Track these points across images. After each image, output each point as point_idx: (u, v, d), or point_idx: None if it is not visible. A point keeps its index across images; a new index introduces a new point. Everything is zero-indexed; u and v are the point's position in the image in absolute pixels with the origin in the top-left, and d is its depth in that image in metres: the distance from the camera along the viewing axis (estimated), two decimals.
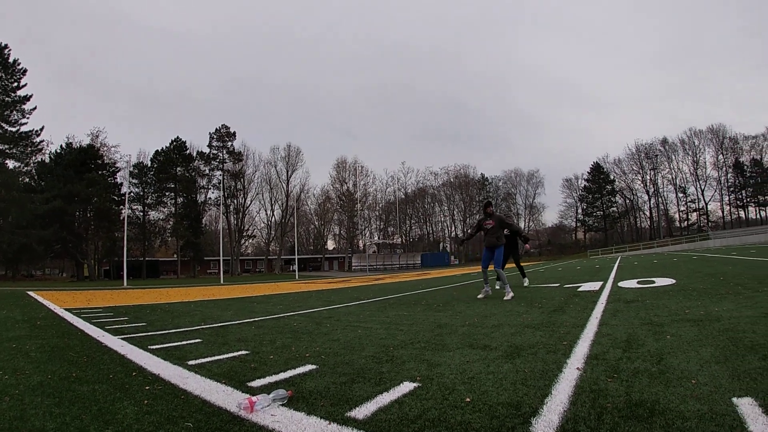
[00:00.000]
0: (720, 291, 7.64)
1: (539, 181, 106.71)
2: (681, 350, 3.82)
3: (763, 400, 2.52)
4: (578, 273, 18.95)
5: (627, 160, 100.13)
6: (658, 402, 2.64)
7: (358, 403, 2.92)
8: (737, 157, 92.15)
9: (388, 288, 17.71)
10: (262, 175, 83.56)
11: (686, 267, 16.10)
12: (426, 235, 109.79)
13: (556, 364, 3.67)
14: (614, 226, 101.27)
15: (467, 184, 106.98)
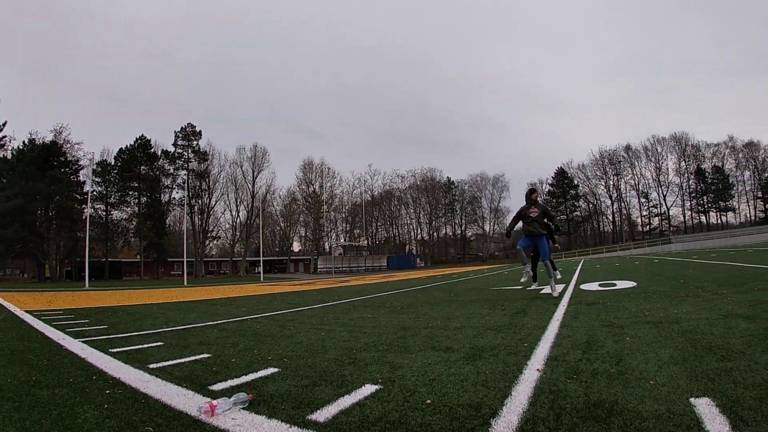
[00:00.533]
0: (680, 294, 7.86)
1: (504, 185, 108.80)
2: (640, 351, 3.92)
3: (720, 400, 2.60)
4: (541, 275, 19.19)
5: (591, 166, 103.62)
6: (617, 402, 2.70)
7: (319, 406, 2.96)
8: (699, 164, 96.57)
9: (353, 290, 17.79)
10: (227, 175, 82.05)
11: (647, 270, 16.53)
12: (392, 238, 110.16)
13: (517, 365, 3.74)
14: (578, 229, 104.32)
15: (433, 188, 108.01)
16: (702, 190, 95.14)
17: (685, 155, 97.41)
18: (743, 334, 4.21)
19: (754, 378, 2.92)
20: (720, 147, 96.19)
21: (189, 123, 77.77)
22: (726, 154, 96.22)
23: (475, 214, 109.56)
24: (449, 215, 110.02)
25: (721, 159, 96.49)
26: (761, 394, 2.62)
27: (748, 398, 2.58)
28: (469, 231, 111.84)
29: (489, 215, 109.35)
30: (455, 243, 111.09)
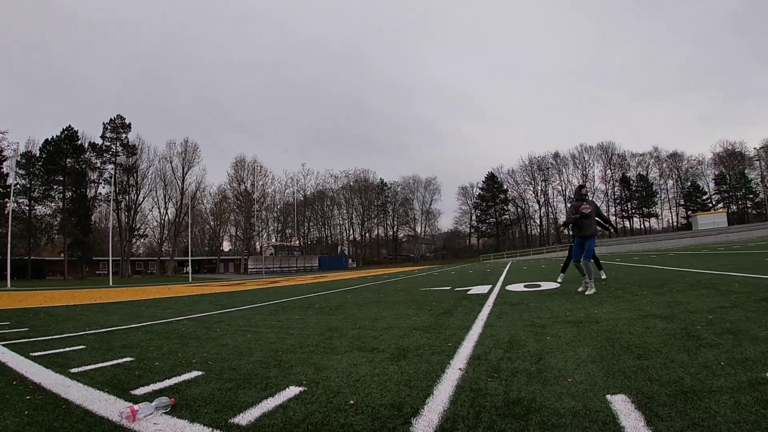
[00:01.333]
0: (601, 295, 8.18)
1: (436, 188, 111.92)
2: (560, 350, 4.04)
3: (636, 396, 2.70)
4: (470, 276, 19.66)
5: (520, 171, 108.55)
6: (535, 400, 2.77)
7: (242, 409, 2.95)
8: (624, 172, 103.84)
9: (282, 291, 17.62)
10: (156, 170, 78.59)
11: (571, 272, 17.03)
12: (324, 238, 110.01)
13: (440, 365, 3.79)
14: (506, 232, 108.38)
15: (366, 189, 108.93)
16: (627, 197, 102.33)
17: (611, 164, 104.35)
18: (660, 333, 4.41)
19: (669, 375, 3.05)
20: (645, 157, 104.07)
21: (118, 114, 73.96)
22: (651, 163, 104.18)
23: (407, 215, 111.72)
24: (382, 216, 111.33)
25: (646, 168, 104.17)
26: (675, 390, 2.75)
27: (662, 395, 2.70)
28: (401, 232, 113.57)
29: (421, 217, 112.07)
30: (387, 244, 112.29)
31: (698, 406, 2.47)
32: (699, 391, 2.71)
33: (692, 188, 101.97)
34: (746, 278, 8.55)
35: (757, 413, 2.32)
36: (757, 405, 2.41)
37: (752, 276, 8.82)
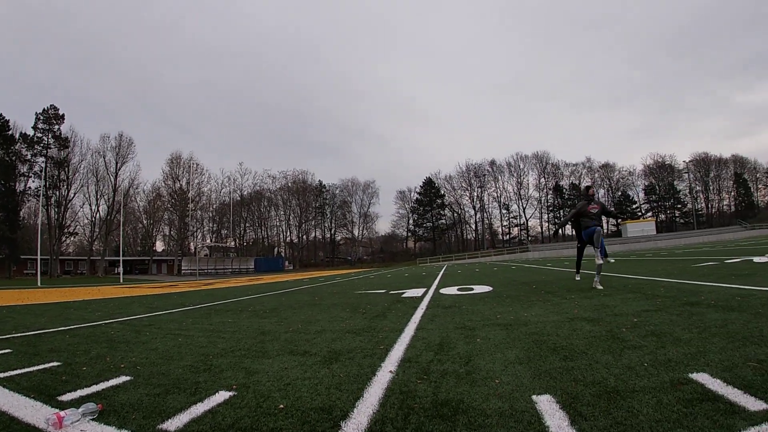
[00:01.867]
0: (531, 298, 8.39)
1: (375, 191, 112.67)
2: (489, 352, 4.11)
3: (561, 396, 2.78)
4: (405, 280, 19.77)
5: (457, 177, 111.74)
6: (463, 401, 2.82)
7: (171, 415, 2.91)
8: (557, 181, 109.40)
9: (216, 294, 17.23)
10: (89, 165, 74.17)
11: (504, 276, 17.57)
12: (261, 240, 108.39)
13: (371, 367, 3.80)
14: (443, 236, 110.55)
15: (305, 190, 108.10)
16: (559, 205, 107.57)
17: (545, 172, 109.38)
18: (586, 335, 4.55)
19: (593, 376, 3.15)
20: (578, 167, 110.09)
21: (52, 105, 69.79)
22: (583, 173, 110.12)
23: (345, 218, 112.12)
24: (319, 218, 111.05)
25: (579, 177, 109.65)
26: (599, 390, 2.84)
27: (587, 395, 2.78)
28: (339, 235, 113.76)
29: (358, 220, 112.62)
30: (325, 246, 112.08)
31: (621, 406, 2.55)
32: (622, 391, 2.80)
33: (623, 197, 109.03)
34: (671, 283, 8.92)
35: (679, 412, 2.41)
36: (679, 404, 2.51)
37: (677, 281, 9.21)
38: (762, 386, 2.66)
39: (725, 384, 2.76)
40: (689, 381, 2.89)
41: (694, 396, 2.62)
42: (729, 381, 2.81)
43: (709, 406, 2.45)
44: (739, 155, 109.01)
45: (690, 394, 2.66)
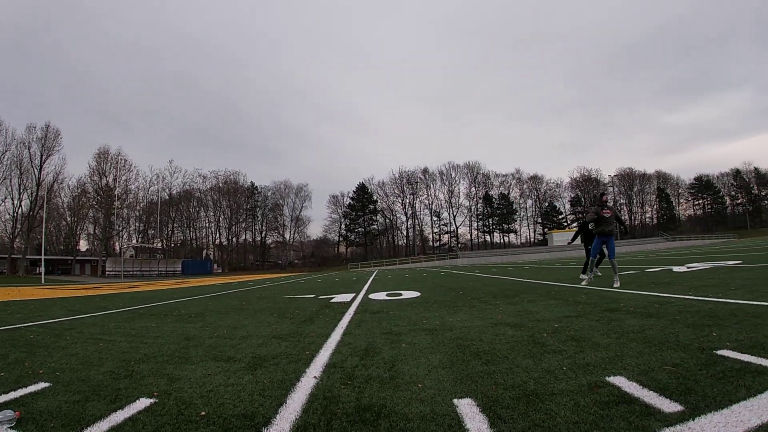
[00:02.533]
0: (457, 304, 8.52)
1: (307, 195, 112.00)
2: (413, 357, 4.14)
3: (481, 400, 2.82)
4: (335, 284, 19.72)
5: (390, 184, 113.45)
6: (385, 406, 2.82)
7: (90, 423, 2.82)
8: (488, 190, 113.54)
9: (141, 296, 16.62)
10: (12, 156, 69.40)
11: (433, 282, 17.79)
12: (189, 241, 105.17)
13: (296, 373, 3.76)
14: (374, 242, 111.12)
15: (236, 191, 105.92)
16: (489, 213, 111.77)
17: (476, 182, 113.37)
18: (509, 340, 4.65)
19: (513, 379, 3.21)
20: (508, 177, 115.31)
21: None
22: (513, 184, 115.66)
23: (276, 221, 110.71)
24: (250, 221, 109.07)
25: (508, 188, 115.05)
26: (518, 394, 2.89)
27: (506, 398, 2.82)
28: (270, 238, 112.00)
29: (290, 223, 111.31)
30: (255, 249, 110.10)
31: (540, 408, 2.60)
32: (541, 394, 2.86)
33: (549, 208, 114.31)
34: (592, 290, 9.25)
35: (595, 414, 2.48)
36: (596, 406, 2.58)
37: (598, 288, 9.55)
38: (677, 389, 2.77)
39: (641, 387, 2.86)
40: (606, 384, 2.98)
41: (610, 398, 2.70)
42: (645, 384, 2.91)
43: (625, 408, 2.53)
44: (662, 171, 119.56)
45: (607, 396, 2.74)
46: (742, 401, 2.50)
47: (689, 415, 2.39)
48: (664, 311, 5.80)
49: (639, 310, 6.08)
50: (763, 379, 2.83)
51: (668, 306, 6.23)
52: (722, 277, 9.70)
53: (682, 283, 9.18)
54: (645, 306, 6.39)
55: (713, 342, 3.90)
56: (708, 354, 3.52)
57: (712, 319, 4.96)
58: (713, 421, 2.29)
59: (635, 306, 6.46)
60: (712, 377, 2.96)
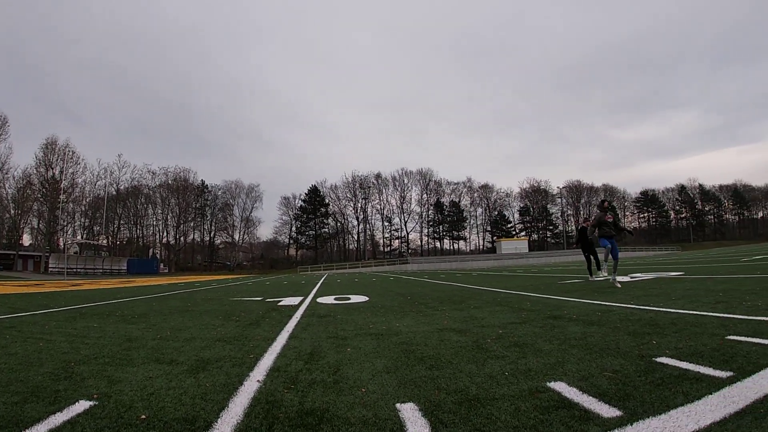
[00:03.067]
0: (405, 309, 8.58)
1: (259, 195, 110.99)
2: (358, 362, 4.13)
3: (424, 405, 2.82)
4: (284, 288, 19.55)
5: (343, 188, 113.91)
6: (328, 410, 2.80)
7: (28, 425, 2.74)
8: (439, 198, 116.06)
9: (84, 295, 16.17)
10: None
11: (381, 286, 17.88)
12: (135, 239, 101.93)
13: (239, 377, 3.71)
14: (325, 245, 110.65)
15: (185, 189, 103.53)
16: (439, 220, 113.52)
17: (427, 189, 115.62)
18: (453, 345, 4.69)
19: (456, 384, 3.23)
20: (459, 186, 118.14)
21: None
22: (464, 192, 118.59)
23: (225, 221, 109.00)
24: (199, 220, 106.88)
25: (459, 196, 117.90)
26: (461, 398, 2.91)
27: (449, 402, 2.84)
28: (219, 239, 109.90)
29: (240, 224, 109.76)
30: (203, 250, 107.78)
31: (481, 413, 2.62)
32: (483, 399, 2.88)
33: (499, 217, 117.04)
34: (538, 298, 9.43)
35: (535, 419, 2.51)
36: (536, 411, 2.62)
37: (543, 296, 9.74)
38: (616, 394, 2.84)
39: (581, 392, 2.92)
40: (547, 389, 3.02)
41: (550, 403, 2.74)
42: (585, 389, 2.97)
43: (564, 413, 2.57)
44: (609, 185, 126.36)
45: (547, 401, 2.78)
46: (679, 407, 2.58)
47: (627, 420, 2.44)
48: (606, 319, 5.95)
49: (582, 317, 6.23)
50: (700, 386, 2.92)
51: (610, 314, 6.40)
52: (664, 288, 10.02)
53: (625, 293, 9.45)
54: (588, 314, 6.55)
55: (653, 349, 4.02)
56: (647, 361, 3.62)
57: (652, 328, 5.12)
58: (651, 426, 2.35)
59: (578, 314, 6.62)
60: (650, 383, 3.04)
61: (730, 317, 5.48)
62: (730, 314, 5.68)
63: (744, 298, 7.07)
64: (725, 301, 6.92)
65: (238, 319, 7.92)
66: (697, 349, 3.93)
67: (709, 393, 2.77)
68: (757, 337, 4.21)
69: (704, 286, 9.61)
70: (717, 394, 2.74)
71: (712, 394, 2.76)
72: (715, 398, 2.68)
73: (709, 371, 3.23)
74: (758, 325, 4.84)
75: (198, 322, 7.68)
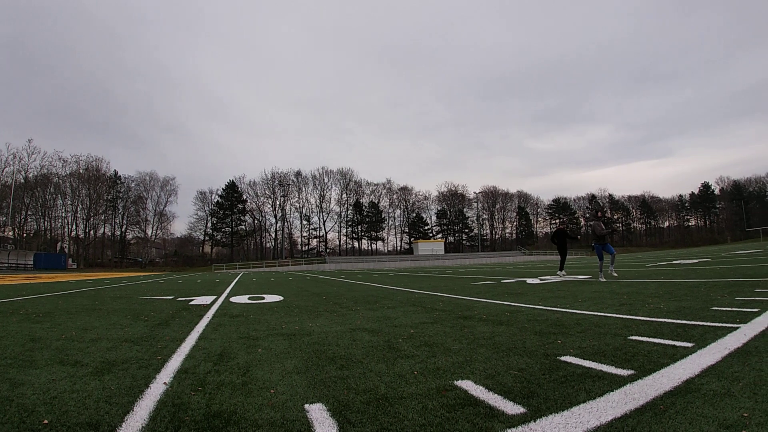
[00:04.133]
0: (319, 309, 8.58)
1: (174, 189, 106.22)
2: (268, 362, 4.09)
3: (332, 405, 2.83)
4: (197, 286, 19.07)
5: (261, 184, 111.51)
6: (236, 412, 2.75)
7: None
8: (359, 198, 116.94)
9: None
10: None
11: (297, 286, 17.78)
12: (43, 232, 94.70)
13: (145, 379, 3.60)
14: (241, 243, 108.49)
15: (97, 179, 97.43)
16: (358, 220, 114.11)
17: (347, 189, 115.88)
18: (365, 345, 4.74)
19: (365, 384, 3.26)
20: (379, 187, 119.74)
21: None
22: (383, 193, 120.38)
23: (138, 215, 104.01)
24: (110, 213, 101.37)
25: (378, 197, 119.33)
26: (369, 398, 2.94)
27: (357, 402, 2.86)
28: (130, 233, 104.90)
29: (153, 219, 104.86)
30: (114, 245, 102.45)
31: (389, 412, 2.66)
32: (391, 398, 2.92)
33: (417, 219, 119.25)
34: (450, 299, 9.64)
35: (442, 416, 2.56)
36: (443, 409, 2.67)
37: (456, 297, 9.98)
38: (521, 392, 2.94)
39: (487, 390, 3.01)
40: (454, 387, 3.10)
41: (457, 401, 2.81)
42: (491, 387, 3.06)
43: (470, 411, 2.64)
44: (523, 191, 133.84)
45: (454, 399, 2.85)
46: (582, 404, 2.69)
47: (531, 416, 2.53)
48: (514, 319, 6.17)
49: (491, 317, 6.43)
50: (602, 384, 3.06)
51: (519, 314, 6.63)
52: (572, 290, 10.45)
53: (534, 294, 9.82)
54: (497, 314, 6.76)
55: (558, 349, 4.19)
56: (552, 360, 3.78)
57: (558, 328, 5.34)
58: (554, 422, 2.43)
59: (488, 314, 6.82)
60: (554, 381, 3.16)
61: (632, 318, 5.79)
62: (633, 316, 6.00)
63: (647, 301, 7.48)
64: (629, 304, 7.29)
65: (147, 318, 7.68)
66: (600, 348, 4.12)
67: (611, 390, 2.91)
68: (657, 338, 4.46)
69: (609, 289, 10.10)
70: (618, 392, 2.88)
71: (614, 391, 2.89)
72: (616, 395, 2.81)
73: (612, 369, 3.39)
74: (659, 326, 5.13)
75: (105, 321, 7.41)
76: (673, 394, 2.79)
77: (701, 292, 8.26)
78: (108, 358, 4.44)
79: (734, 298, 7.13)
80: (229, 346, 4.94)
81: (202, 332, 6.03)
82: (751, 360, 3.43)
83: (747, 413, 2.41)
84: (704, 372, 3.21)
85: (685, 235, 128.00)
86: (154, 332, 6.15)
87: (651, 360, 3.61)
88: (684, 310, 6.24)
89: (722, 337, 4.29)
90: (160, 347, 5.00)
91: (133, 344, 5.23)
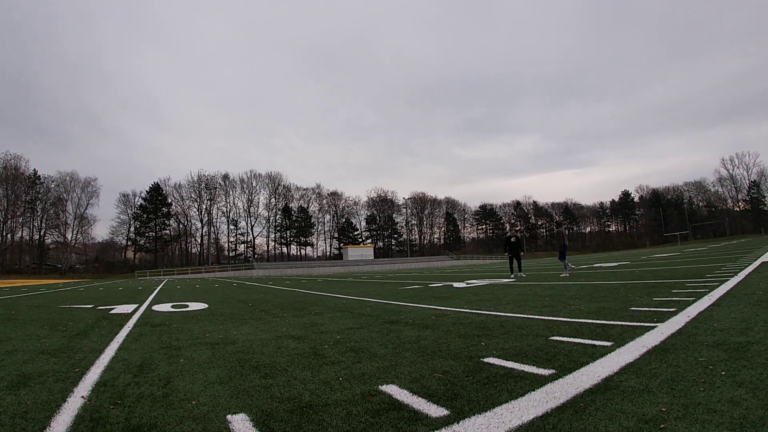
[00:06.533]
0: (245, 316, 8.46)
1: (95, 190, 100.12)
2: (190, 373, 4.00)
3: (255, 414, 2.80)
4: (118, 294, 18.50)
5: (187, 187, 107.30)
6: (156, 425, 2.68)
7: None
8: (288, 203, 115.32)
9: None
10: None
11: (223, 293, 17.48)
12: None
13: (62, 393, 3.46)
14: (166, 248, 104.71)
15: (15, 179, 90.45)
16: (287, 225, 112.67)
17: (276, 193, 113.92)
18: (290, 353, 4.71)
19: (290, 392, 3.24)
20: (308, 192, 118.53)
21: None
22: (312, 198, 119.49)
23: (58, 218, 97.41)
24: (29, 215, 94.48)
25: (308, 202, 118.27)
26: (293, 406, 2.91)
27: (281, 411, 2.83)
28: (49, 237, 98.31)
29: (73, 222, 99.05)
30: (32, 250, 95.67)
31: (313, 419, 2.65)
32: (315, 405, 2.91)
33: (346, 224, 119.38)
34: (378, 303, 9.73)
35: (366, 422, 2.57)
36: (367, 415, 2.69)
37: (384, 302, 10.06)
38: (445, 394, 2.99)
39: (411, 394, 3.04)
40: (379, 392, 3.12)
41: (381, 406, 2.83)
42: (415, 391, 3.10)
43: (394, 415, 2.66)
44: (451, 198, 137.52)
45: (378, 404, 2.87)
46: (504, 404, 2.75)
47: (454, 418, 2.57)
48: (440, 323, 6.27)
49: (417, 321, 6.51)
50: (524, 384, 3.14)
51: (444, 318, 6.75)
52: (496, 293, 10.68)
53: (460, 298, 10.00)
54: (423, 318, 6.86)
55: (481, 350, 4.29)
56: (476, 361, 3.86)
57: (482, 330, 5.47)
58: (476, 423, 2.48)
59: (414, 318, 6.91)
60: (477, 383, 3.23)
61: (554, 319, 5.99)
62: (555, 317, 6.21)
63: (568, 303, 7.75)
64: (551, 305, 7.54)
65: (65, 329, 7.42)
66: (522, 349, 4.25)
67: (533, 390, 2.99)
68: (577, 338, 4.63)
69: (533, 292, 10.41)
70: (540, 391, 2.97)
71: (535, 390, 2.98)
72: (537, 395, 2.90)
73: (533, 369, 3.50)
74: (579, 326, 5.33)
75: (22, 332, 7.15)
76: (593, 391, 2.89)
77: (620, 293, 8.60)
78: (24, 372, 4.28)
79: (652, 298, 7.44)
80: (150, 357, 4.80)
81: (122, 343, 5.86)
82: (668, 357, 3.60)
83: (665, 408, 2.52)
84: (623, 369, 3.35)
85: (606, 240, 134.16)
86: (72, 343, 5.96)
87: (572, 359, 3.74)
88: (604, 310, 6.49)
89: (640, 336, 4.48)
90: (79, 359, 4.85)
91: (50, 356, 5.06)
